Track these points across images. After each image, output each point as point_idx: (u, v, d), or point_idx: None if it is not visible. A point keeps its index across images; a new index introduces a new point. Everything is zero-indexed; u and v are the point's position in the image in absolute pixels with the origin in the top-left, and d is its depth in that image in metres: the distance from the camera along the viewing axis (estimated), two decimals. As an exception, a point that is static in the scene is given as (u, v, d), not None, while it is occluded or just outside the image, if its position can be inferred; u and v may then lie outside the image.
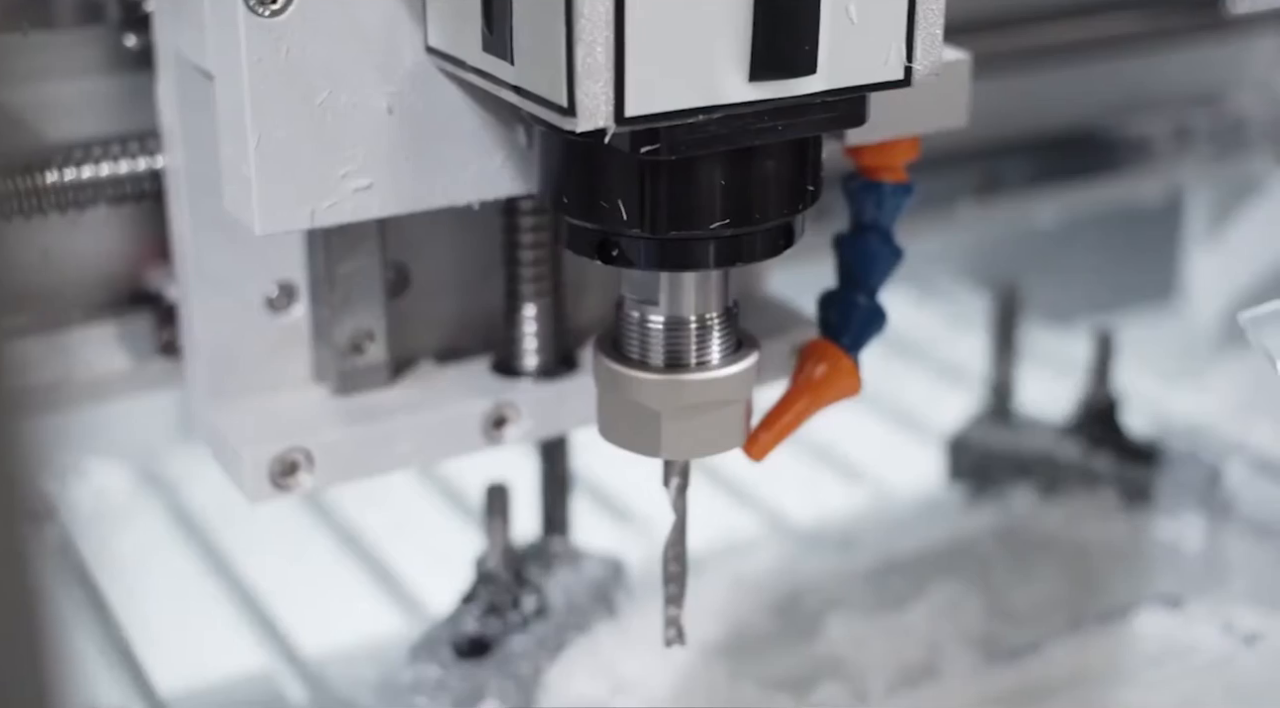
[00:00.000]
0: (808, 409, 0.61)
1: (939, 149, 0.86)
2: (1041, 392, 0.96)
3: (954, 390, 1.04)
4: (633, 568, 0.83)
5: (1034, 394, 0.94)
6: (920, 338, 1.16)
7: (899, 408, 1.05)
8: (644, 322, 0.55)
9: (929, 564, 0.82)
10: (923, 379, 1.10)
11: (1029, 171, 0.90)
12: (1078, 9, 0.87)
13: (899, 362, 1.14)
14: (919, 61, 0.51)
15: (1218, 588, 0.80)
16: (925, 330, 1.17)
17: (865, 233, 0.62)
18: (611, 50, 0.46)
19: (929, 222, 0.87)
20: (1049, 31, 0.88)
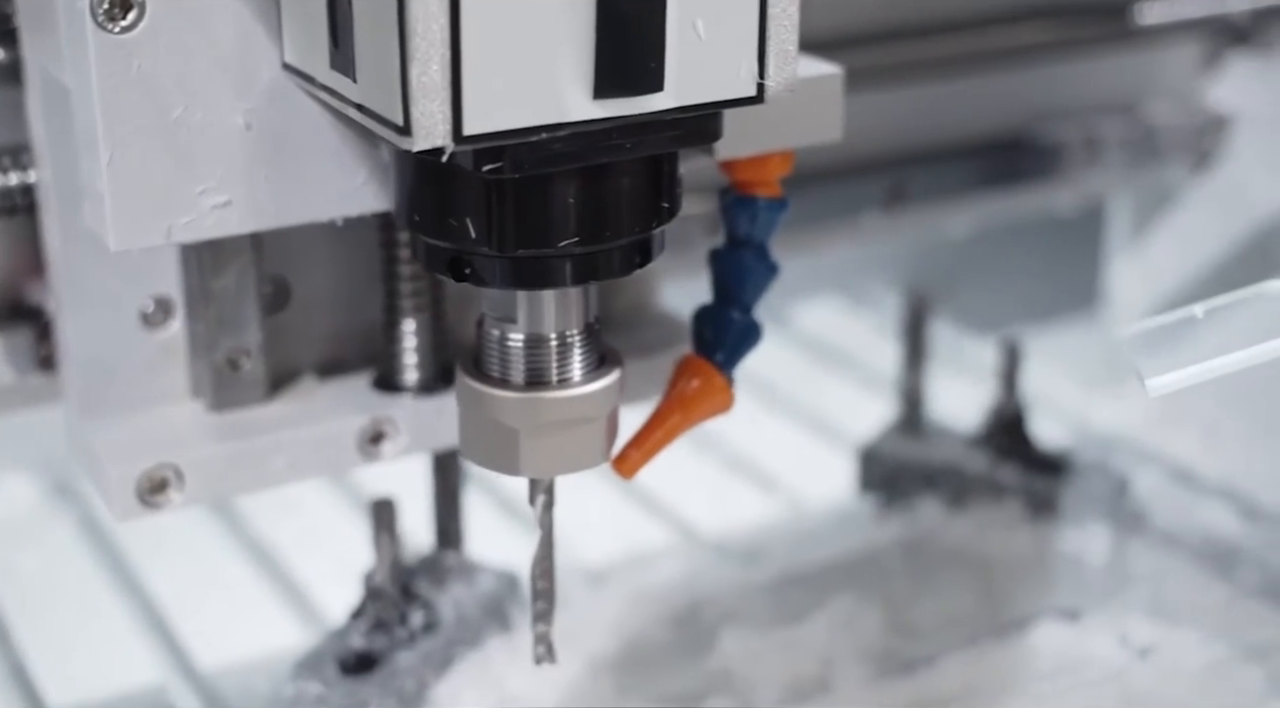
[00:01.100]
0: (679, 426, 0.61)
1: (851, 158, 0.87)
2: (964, 402, 0.96)
3: (878, 400, 1.04)
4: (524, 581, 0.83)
5: (954, 405, 0.94)
6: (849, 346, 1.16)
7: (821, 417, 1.05)
8: (503, 340, 0.55)
9: (832, 577, 0.82)
10: (848, 388, 1.10)
11: (949, 180, 0.90)
12: (990, 18, 0.87)
13: (826, 370, 1.14)
14: (772, 77, 0.51)
15: (1118, 600, 0.80)
16: (855, 339, 1.17)
17: (739, 248, 0.61)
18: (447, 68, 0.46)
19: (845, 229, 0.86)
20: (965, 40, 0.87)
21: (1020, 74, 0.90)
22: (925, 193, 0.87)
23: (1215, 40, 0.93)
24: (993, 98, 0.90)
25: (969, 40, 0.86)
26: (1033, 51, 0.88)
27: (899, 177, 0.86)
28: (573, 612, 0.79)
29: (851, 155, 0.86)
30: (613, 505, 0.95)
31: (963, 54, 0.86)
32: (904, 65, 0.85)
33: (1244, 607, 0.80)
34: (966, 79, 0.88)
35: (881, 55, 0.84)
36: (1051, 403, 1.05)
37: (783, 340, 1.17)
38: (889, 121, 0.86)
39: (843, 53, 0.82)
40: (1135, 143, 0.93)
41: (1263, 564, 0.85)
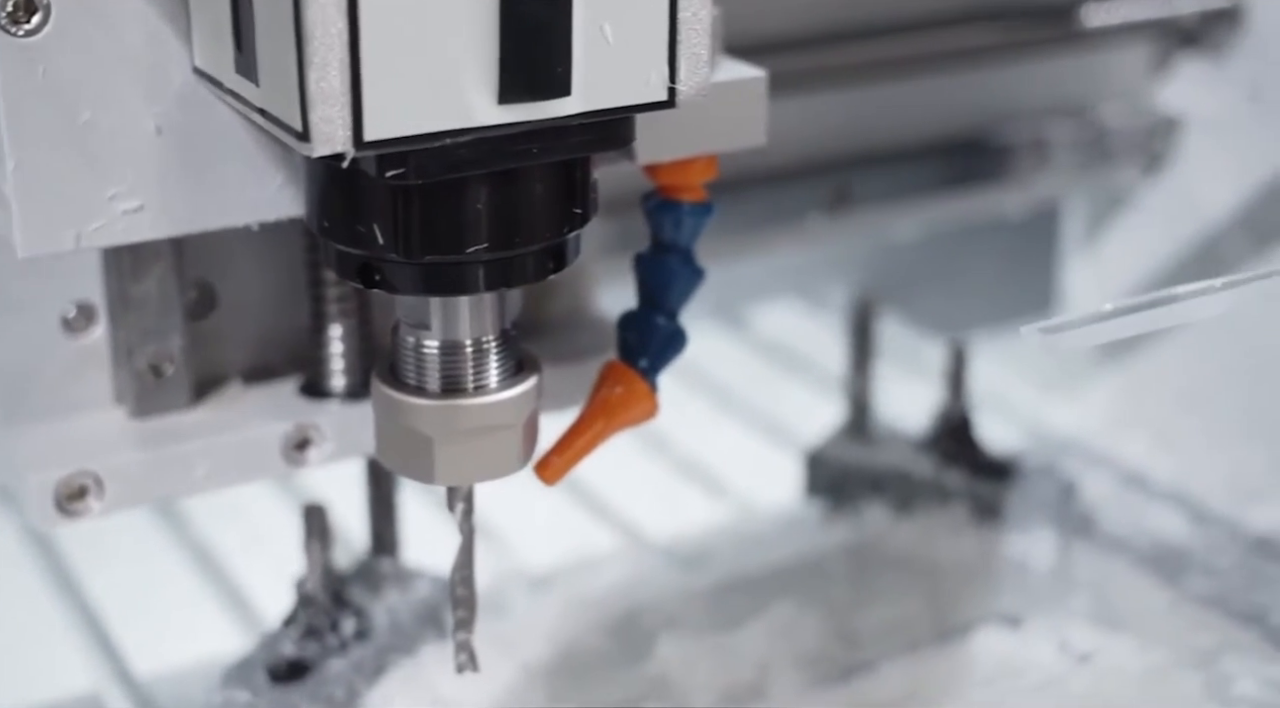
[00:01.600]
0: (602, 433, 0.60)
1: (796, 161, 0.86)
2: (920, 405, 0.95)
3: (834, 403, 1.03)
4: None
5: (911, 408, 0.93)
6: (806, 349, 1.15)
7: (775, 420, 1.05)
8: (418, 346, 0.54)
9: (774, 582, 0.81)
10: (804, 391, 1.10)
11: (895, 183, 0.89)
12: (935, 20, 0.87)
13: (782, 373, 1.13)
14: (683, 82, 0.51)
15: (1061, 606, 0.80)
16: (812, 341, 1.16)
17: (664, 253, 0.61)
18: (347, 73, 0.45)
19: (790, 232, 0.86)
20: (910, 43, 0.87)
21: (968, 76, 0.89)
22: (871, 195, 0.86)
23: (1165, 42, 0.93)
24: (940, 100, 0.89)
25: (914, 43, 0.86)
26: (979, 54, 0.88)
27: (844, 179, 0.85)
28: (511, 617, 0.79)
29: (797, 158, 0.86)
30: (560, 509, 0.94)
31: (908, 56, 0.86)
32: (849, 67, 0.84)
33: (1186, 612, 0.80)
34: (913, 81, 0.87)
35: (826, 57, 0.84)
36: (1006, 405, 1.05)
37: (739, 343, 1.17)
38: (834, 124, 0.86)
39: (787, 55, 0.83)
40: (1085, 145, 0.93)
41: (1210, 569, 0.85)
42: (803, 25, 0.84)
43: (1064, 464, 0.92)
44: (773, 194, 0.84)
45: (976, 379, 1.07)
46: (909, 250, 1.12)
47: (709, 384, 1.11)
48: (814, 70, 0.84)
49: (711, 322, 1.19)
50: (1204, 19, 0.89)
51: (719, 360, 1.14)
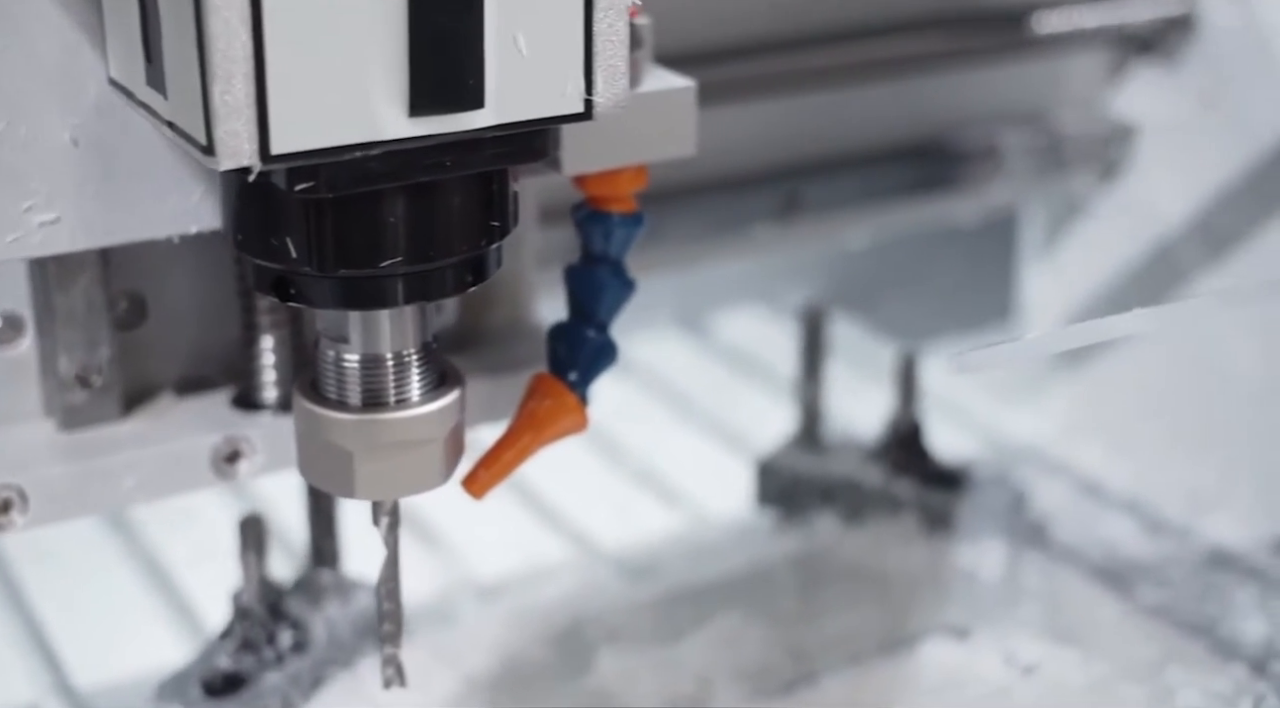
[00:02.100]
0: (530, 446, 0.60)
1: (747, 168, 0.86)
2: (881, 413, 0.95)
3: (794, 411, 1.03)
4: (420, 596, 0.82)
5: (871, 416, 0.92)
6: (768, 356, 1.15)
7: (734, 428, 1.04)
8: (338, 360, 0.54)
9: (722, 593, 0.81)
10: (764, 399, 1.09)
11: (847, 191, 0.89)
12: (886, 27, 0.86)
13: (743, 381, 1.13)
14: (600, 94, 0.50)
15: (1008, 617, 0.79)
16: (774, 349, 1.16)
17: (594, 265, 0.60)
18: (252, 86, 0.45)
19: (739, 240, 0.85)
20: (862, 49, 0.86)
21: (922, 83, 0.88)
22: (823, 203, 0.86)
23: (1120, 49, 0.92)
24: (894, 107, 0.89)
25: (866, 49, 0.85)
26: (932, 60, 0.87)
27: (795, 186, 0.85)
28: (456, 628, 0.79)
29: (748, 165, 0.85)
30: (513, 518, 0.94)
31: (859, 63, 0.85)
32: (799, 74, 0.84)
33: (1134, 624, 0.79)
34: (866, 88, 0.87)
35: (775, 64, 0.83)
36: (964, 413, 1.05)
37: (701, 350, 1.17)
38: (785, 131, 0.85)
39: (736, 62, 0.82)
40: (1040, 152, 0.92)
41: (1161, 580, 0.84)
42: (752, 32, 0.83)
43: (1016, 474, 0.92)
44: (723, 202, 0.83)
45: (935, 387, 1.07)
46: (872, 256, 1.11)
47: (668, 392, 1.10)
48: (764, 77, 0.83)
49: (673, 329, 1.19)
50: (1157, 26, 0.89)
51: (679, 368, 1.14)
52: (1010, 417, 1.04)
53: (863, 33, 0.86)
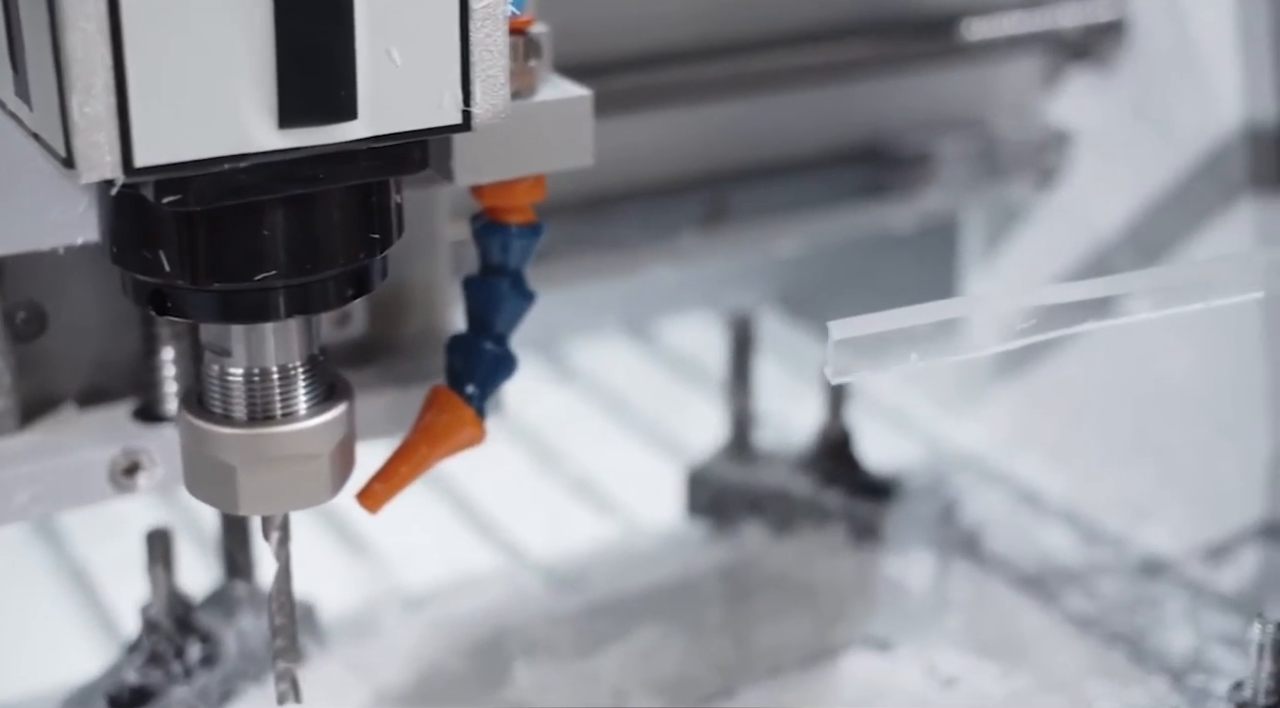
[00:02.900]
0: (427, 459, 0.59)
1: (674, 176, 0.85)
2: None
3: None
4: (344, 606, 0.82)
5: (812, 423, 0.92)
6: (713, 364, 1.14)
7: (674, 437, 1.03)
8: (221, 374, 0.53)
9: (647, 604, 0.80)
10: (705, 406, 1.08)
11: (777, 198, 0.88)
12: (815, 33, 0.86)
13: (689, 388, 1.12)
14: (479, 105, 0.50)
15: (933, 629, 0.78)
16: (720, 356, 1.15)
17: (493, 276, 0.60)
18: (112, 98, 0.44)
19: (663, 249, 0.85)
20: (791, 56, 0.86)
21: (853, 89, 0.88)
22: (751, 211, 0.85)
23: (1055, 56, 0.92)
24: (826, 113, 0.88)
25: (794, 55, 0.84)
26: (863, 66, 0.86)
27: (721, 194, 0.84)
28: (375, 641, 0.78)
29: (674, 173, 0.85)
30: (446, 527, 0.93)
31: (789, 69, 0.84)
32: (727, 81, 0.83)
33: (1059, 635, 0.79)
34: (795, 94, 0.86)
35: (705, 71, 0.83)
36: (905, 420, 1.04)
37: (646, 356, 1.16)
38: (712, 138, 0.85)
39: (665, 69, 0.82)
40: (975, 159, 0.92)
41: (1091, 590, 0.84)
42: (681, 39, 0.83)
43: (949, 483, 0.91)
44: (648, 210, 0.83)
45: (880, 394, 1.06)
46: (820, 261, 1.11)
47: (610, 398, 1.09)
48: (692, 84, 0.83)
49: (618, 335, 1.18)
50: (1089, 32, 0.88)
51: (622, 374, 1.13)
52: (952, 425, 1.03)
53: (792, 39, 0.85)
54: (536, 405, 1.08)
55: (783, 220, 0.87)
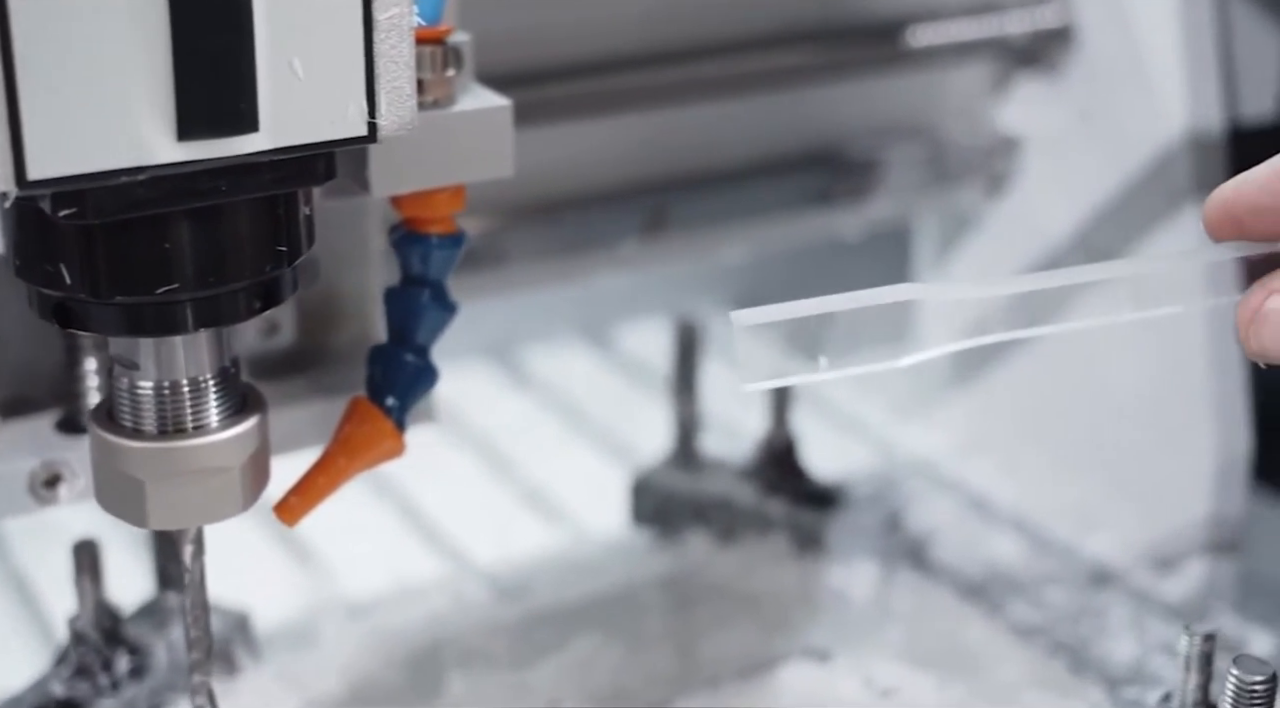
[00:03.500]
0: (344, 472, 0.58)
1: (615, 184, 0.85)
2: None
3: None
4: (284, 615, 0.81)
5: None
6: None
7: (626, 444, 1.03)
8: (130, 387, 0.53)
9: (588, 614, 0.80)
10: (660, 413, 1.08)
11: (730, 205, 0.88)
12: (762, 41, 0.85)
13: (641, 394, 1.11)
14: (384, 117, 0.49)
15: (873, 639, 0.78)
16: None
17: (413, 287, 0.59)
18: (3, 109, 0.44)
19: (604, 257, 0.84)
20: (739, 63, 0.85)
21: (801, 97, 0.88)
22: (693, 218, 0.85)
23: (1003, 62, 0.91)
24: (773, 121, 0.88)
25: (737, 63, 0.84)
26: (806, 74, 0.86)
27: (661, 202, 0.84)
28: (310, 651, 0.77)
29: (614, 181, 0.84)
30: (394, 534, 0.93)
31: (732, 76, 0.84)
32: (672, 87, 0.83)
33: (1001, 645, 0.78)
34: (741, 102, 0.86)
35: (648, 77, 0.82)
36: (860, 427, 1.04)
37: (601, 362, 1.15)
38: (654, 146, 0.84)
39: (608, 75, 0.81)
40: (924, 166, 0.91)
41: (1037, 600, 0.83)
42: (623, 45, 0.82)
43: (897, 492, 0.91)
44: (588, 218, 0.82)
45: (835, 401, 1.06)
46: (779, 267, 1.10)
47: (566, 405, 1.09)
48: (634, 91, 0.82)
49: (576, 341, 1.18)
50: (1037, 38, 0.88)
51: (579, 381, 1.13)
52: (906, 431, 1.03)
53: (738, 45, 0.85)
54: (491, 412, 1.08)
55: (727, 227, 0.86)
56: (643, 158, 0.84)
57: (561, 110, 0.81)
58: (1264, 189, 0.48)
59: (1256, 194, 0.48)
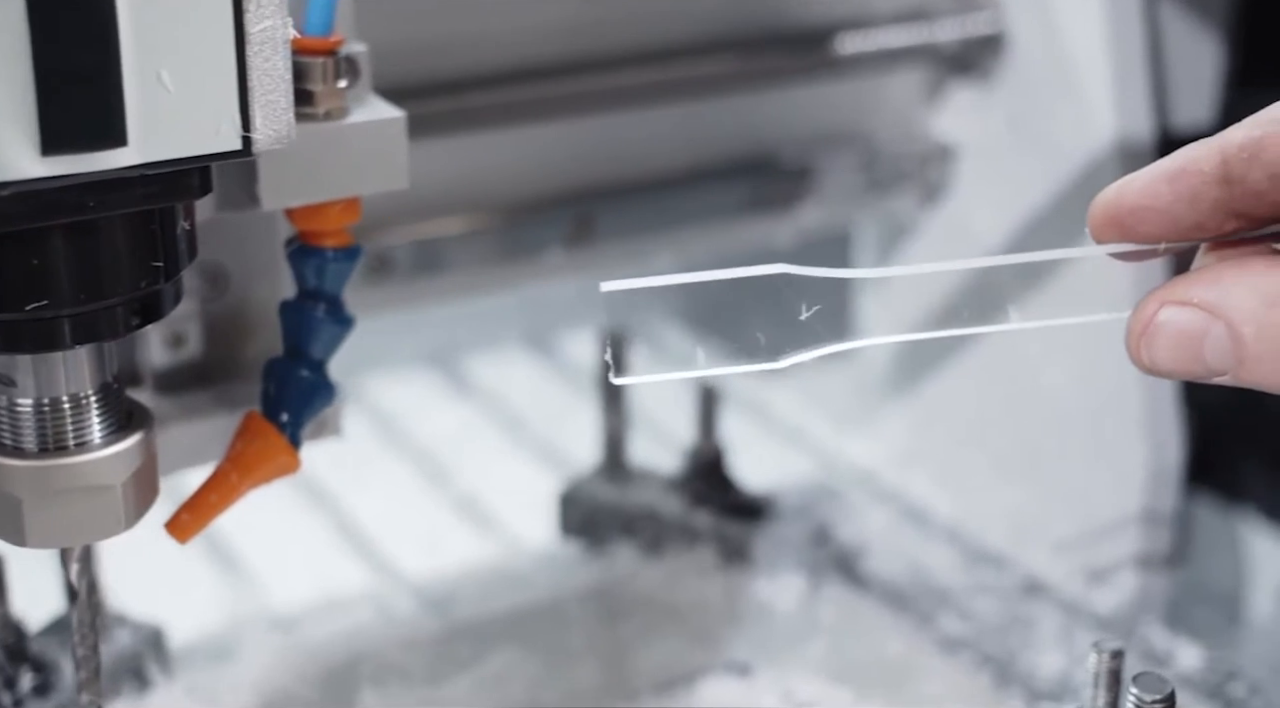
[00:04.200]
0: (236, 489, 0.58)
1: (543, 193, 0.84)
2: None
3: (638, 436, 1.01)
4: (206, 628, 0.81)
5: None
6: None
7: (565, 453, 1.02)
8: (10, 405, 0.52)
9: (509, 627, 0.79)
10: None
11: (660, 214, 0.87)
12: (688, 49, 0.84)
13: (584, 403, 1.10)
14: (259, 131, 0.48)
15: (795, 653, 0.77)
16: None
17: (309, 301, 0.58)
18: None
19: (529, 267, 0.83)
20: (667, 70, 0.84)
21: (729, 104, 0.87)
22: (621, 228, 0.84)
23: (937, 69, 0.91)
24: (706, 129, 0.87)
25: (664, 70, 0.83)
26: (736, 81, 0.85)
27: (586, 211, 0.83)
28: (224, 666, 0.77)
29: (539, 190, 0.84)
30: (325, 545, 0.92)
31: (658, 84, 0.83)
32: (597, 95, 0.82)
33: (922, 658, 0.78)
34: (669, 110, 0.85)
35: (573, 86, 0.82)
36: (802, 437, 1.03)
37: (544, 370, 1.15)
38: (579, 155, 0.83)
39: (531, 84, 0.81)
40: (858, 174, 0.90)
41: (966, 612, 0.83)
42: (547, 54, 0.81)
43: (833, 501, 0.90)
44: (512, 228, 0.82)
45: (778, 411, 1.06)
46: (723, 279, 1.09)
47: (506, 413, 1.08)
48: (558, 99, 0.82)
49: (519, 349, 1.17)
50: (968, 45, 0.87)
51: (522, 388, 1.12)
52: (848, 442, 1.02)
53: (664, 54, 0.84)
54: (430, 421, 1.07)
55: (655, 236, 0.85)
56: (570, 166, 0.84)
57: (490, 118, 0.81)
58: (1144, 192, 0.47)
59: (1138, 196, 0.47)
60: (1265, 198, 0.46)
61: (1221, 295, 0.46)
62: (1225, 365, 0.46)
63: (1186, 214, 0.47)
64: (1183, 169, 0.47)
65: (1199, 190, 0.46)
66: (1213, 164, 0.46)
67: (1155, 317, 0.47)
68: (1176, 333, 0.46)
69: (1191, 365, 0.47)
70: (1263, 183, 0.45)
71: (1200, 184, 0.46)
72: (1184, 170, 0.46)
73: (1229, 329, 0.45)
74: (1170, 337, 0.47)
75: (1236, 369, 0.46)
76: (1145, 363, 0.48)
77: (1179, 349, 0.46)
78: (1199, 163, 0.46)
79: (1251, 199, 0.46)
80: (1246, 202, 0.46)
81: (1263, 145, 0.45)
